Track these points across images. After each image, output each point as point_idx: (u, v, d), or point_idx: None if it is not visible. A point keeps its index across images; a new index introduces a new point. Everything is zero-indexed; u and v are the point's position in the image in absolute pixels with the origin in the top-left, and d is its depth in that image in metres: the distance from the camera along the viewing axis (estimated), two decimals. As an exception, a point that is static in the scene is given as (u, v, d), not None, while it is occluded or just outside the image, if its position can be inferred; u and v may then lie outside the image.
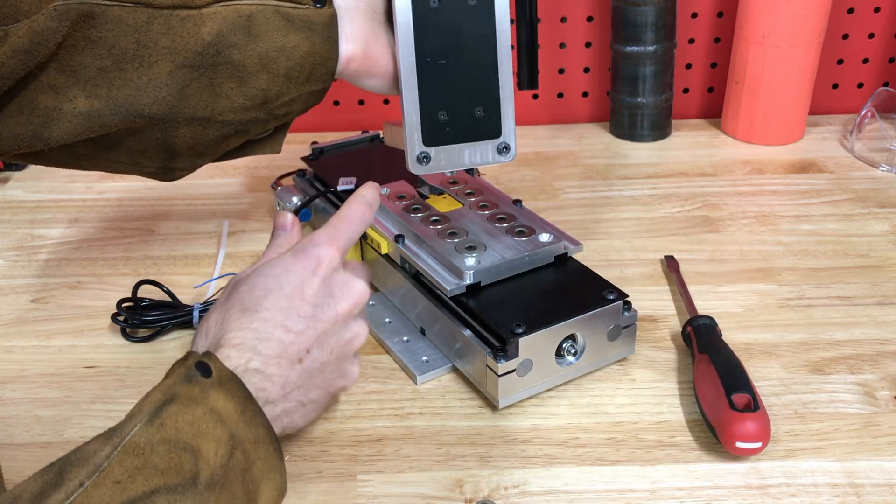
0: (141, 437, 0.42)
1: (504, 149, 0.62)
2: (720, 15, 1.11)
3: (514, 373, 0.61)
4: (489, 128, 0.61)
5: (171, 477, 0.41)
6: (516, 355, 0.60)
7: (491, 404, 0.64)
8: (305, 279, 0.54)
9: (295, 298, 0.53)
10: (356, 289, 0.56)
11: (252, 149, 0.64)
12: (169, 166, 0.61)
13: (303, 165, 0.90)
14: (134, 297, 0.73)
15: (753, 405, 0.57)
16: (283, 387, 0.52)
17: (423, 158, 0.61)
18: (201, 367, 0.47)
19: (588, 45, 1.12)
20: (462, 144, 0.61)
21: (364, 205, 0.59)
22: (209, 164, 0.64)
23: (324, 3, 0.58)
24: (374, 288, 0.78)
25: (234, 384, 0.48)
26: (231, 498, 0.44)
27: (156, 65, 0.54)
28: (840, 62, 1.13)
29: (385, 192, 0.77)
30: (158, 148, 0.58)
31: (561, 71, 1.13)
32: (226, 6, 0.55)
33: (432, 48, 0.59)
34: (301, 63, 0.57)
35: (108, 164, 0.60)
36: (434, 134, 0.61)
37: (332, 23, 0.58)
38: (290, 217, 0.61)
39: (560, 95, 1.15)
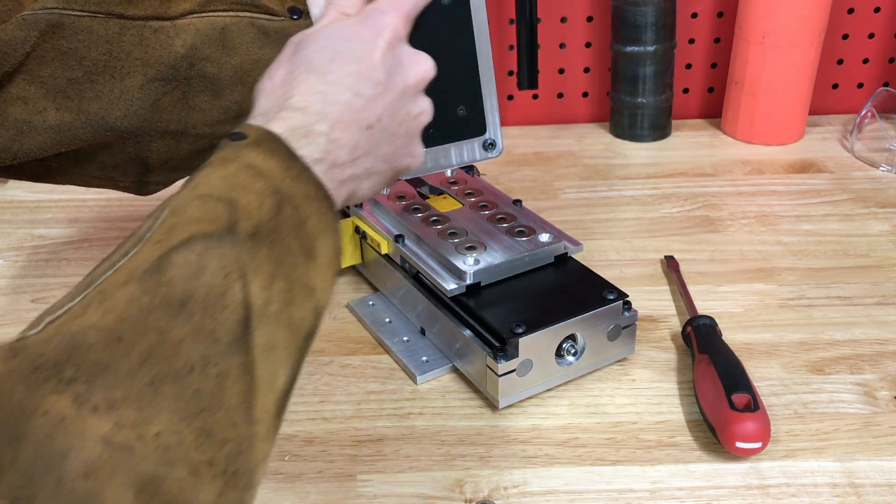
0: (177, 201, 0.41)
1: (490, 145, 0.62)
2: (720, 15, 1.11)
3: (514, 373, 0.61)
4: (473, 126, 0.61)
5: (204, 225, 0.39)
6: (516, 355, 0.60)
7: (491, 404, 0.64)
8: (373, 45, 0.50)
9: (364, 62, 0.49)
10: (424, 61, 0.53)
11: None
12: (143, 180, 0.60)
13: (303, 165, 0.90)
14: (134, 297, 0.73)
15: (753, 405, 0.57)
16: (351, 151, 0.48)
17: None
18: (234, 135, 0.45)
19: (588, 45, 1.12)
20: (447, 145, 0.61)
21: None
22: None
23: (300, 15, 0.57)
24: (373, 288, 0.78)
25: (274, 143, 0.45)
26: (287, 252, 0.42)
27: (128, 77, 0.53)
28: (840, 62, 1.13)
29: (385, 192, 0.77)
30: (132, 162, 0.58)
31: (561, 71, 1.13)
32: (200, 17, 0.54)
33: None
34: None
35: (81, 178, 0.60)
36: None
37: None
38: None
39: (560, 95, 1.15)
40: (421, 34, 0.58)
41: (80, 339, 0.33)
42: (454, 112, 0.61)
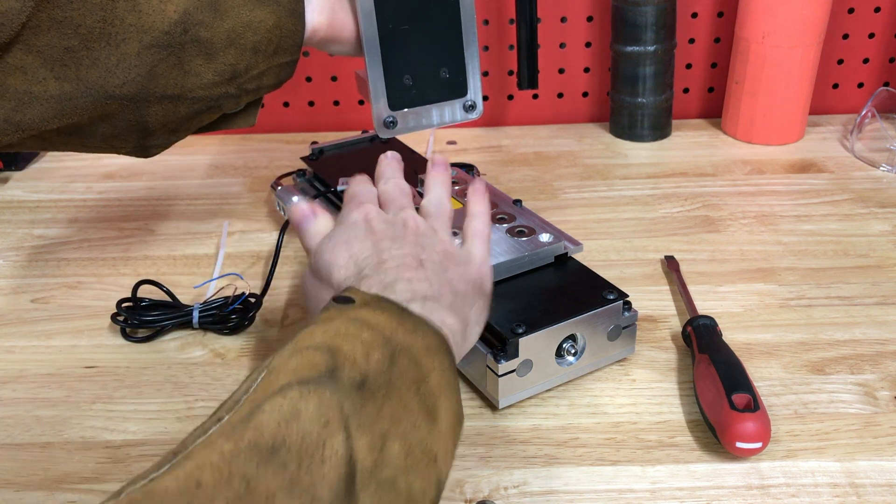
0: (275, 361, 0.38)
1: (470, 107, 0.63)
2: (720, 15, 1.11)
3: (514, 373, 0.61)
4: (455, 87, 0.62)
5: (301, 373, 0.36)
6: (516, 355, 0.60)
7: (491, 404, 0.64)
8: (361, 217, 0.54)
9: (370, 232, 0.52)
10: (409, 213, 0.56)
11: (227, 123, 0.65)
12: (144, 144, 0.61)
13: (303, 165, 0.90)
14: (134, 297, 0.73)
15: (753, 405, 0.57)
16: (430, 284, 0.48)
17: (391, 123, 0.62)
18: (340, 298, 0.44)
19: (588, 45, 1.12)
20: (428, 105, 0.62)
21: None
22: (209, 165, 0.64)
23: None
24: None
25: (382, 301, 0.43)
26: (405, 409, 0.37)
27: (123, 44, 0.54)
28: (840, 62, 1.13)
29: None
30: (132, 129, 0.59)
31: (561, 71, 1.13)
32: None
33: (394, 15, 0.59)
34: (268, 37, 0.58)
35: (82, 147, 0.60)
36: (399, 98, 0.61)
37: None
38: (305, 206, 0.58)
39: (560, 95, 1.15)
40: None
41: (154, 487, 0.30)
42: (436, 73, 0.61)
